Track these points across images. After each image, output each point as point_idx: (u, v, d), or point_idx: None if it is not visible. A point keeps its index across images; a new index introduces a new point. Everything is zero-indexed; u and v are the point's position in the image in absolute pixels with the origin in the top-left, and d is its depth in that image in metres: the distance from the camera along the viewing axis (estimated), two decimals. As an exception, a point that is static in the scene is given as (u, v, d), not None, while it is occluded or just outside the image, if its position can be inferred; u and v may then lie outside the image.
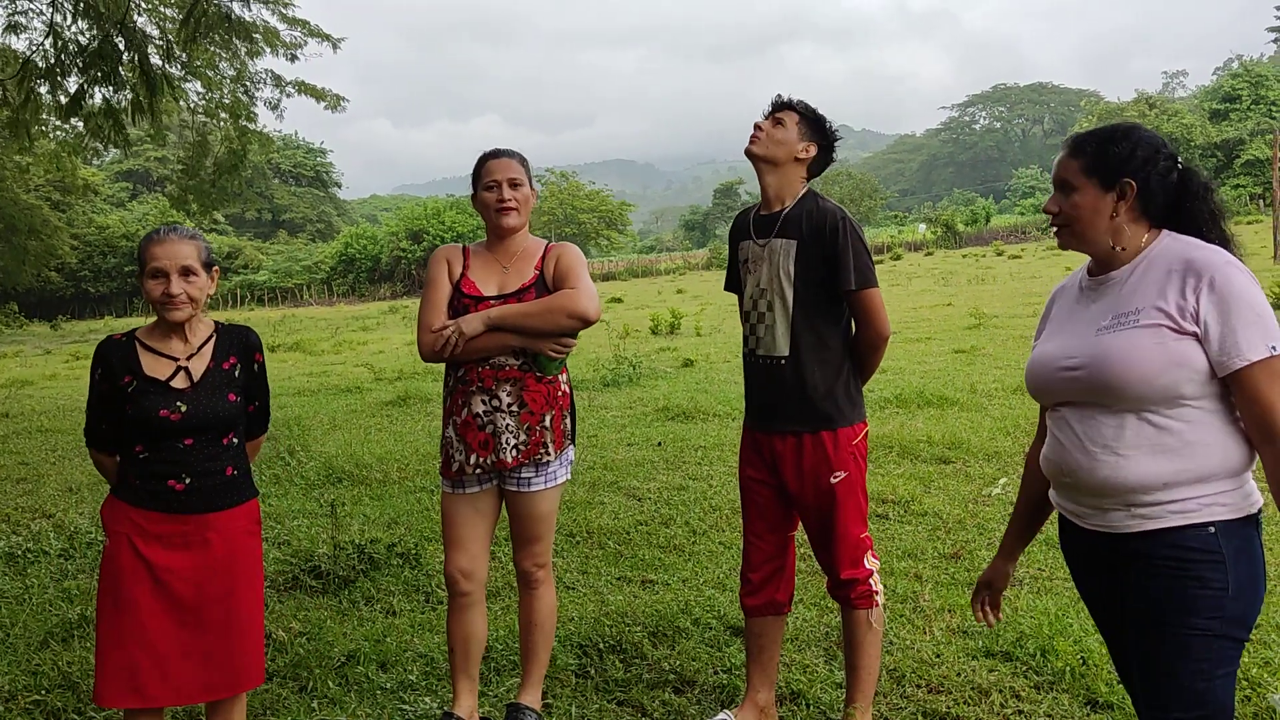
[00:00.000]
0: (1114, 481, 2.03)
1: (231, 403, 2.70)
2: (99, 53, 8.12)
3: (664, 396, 9.90)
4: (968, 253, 43.37)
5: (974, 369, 10.78)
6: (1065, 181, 2.14)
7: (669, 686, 3.51)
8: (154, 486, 2.60)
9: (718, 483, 6.42)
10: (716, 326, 18.14)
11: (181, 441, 2.62)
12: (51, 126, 15.42)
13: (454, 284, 3.15)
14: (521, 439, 3.07)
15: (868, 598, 3.05)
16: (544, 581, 3.27)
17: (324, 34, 14.85)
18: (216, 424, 2.67)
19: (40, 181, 35.67)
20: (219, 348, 2.74)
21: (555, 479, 3.18)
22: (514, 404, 3.07)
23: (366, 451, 7.88)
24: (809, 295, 2.99)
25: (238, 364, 2.76)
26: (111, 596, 2.58)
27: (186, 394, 2.64)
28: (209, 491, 2.65)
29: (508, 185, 3.14)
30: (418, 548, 5.07)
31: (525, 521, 3.19)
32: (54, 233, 39.47)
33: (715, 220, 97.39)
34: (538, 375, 3.09)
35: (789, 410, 3.04)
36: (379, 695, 3.51)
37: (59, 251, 40.75)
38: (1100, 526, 2.10)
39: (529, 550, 3.23)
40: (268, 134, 17.63)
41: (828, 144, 3.10)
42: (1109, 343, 2.03)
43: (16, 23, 12.37)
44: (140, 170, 73.77)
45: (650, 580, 4.63)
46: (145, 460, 2.62)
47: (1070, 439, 2.11)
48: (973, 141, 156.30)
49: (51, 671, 3.79)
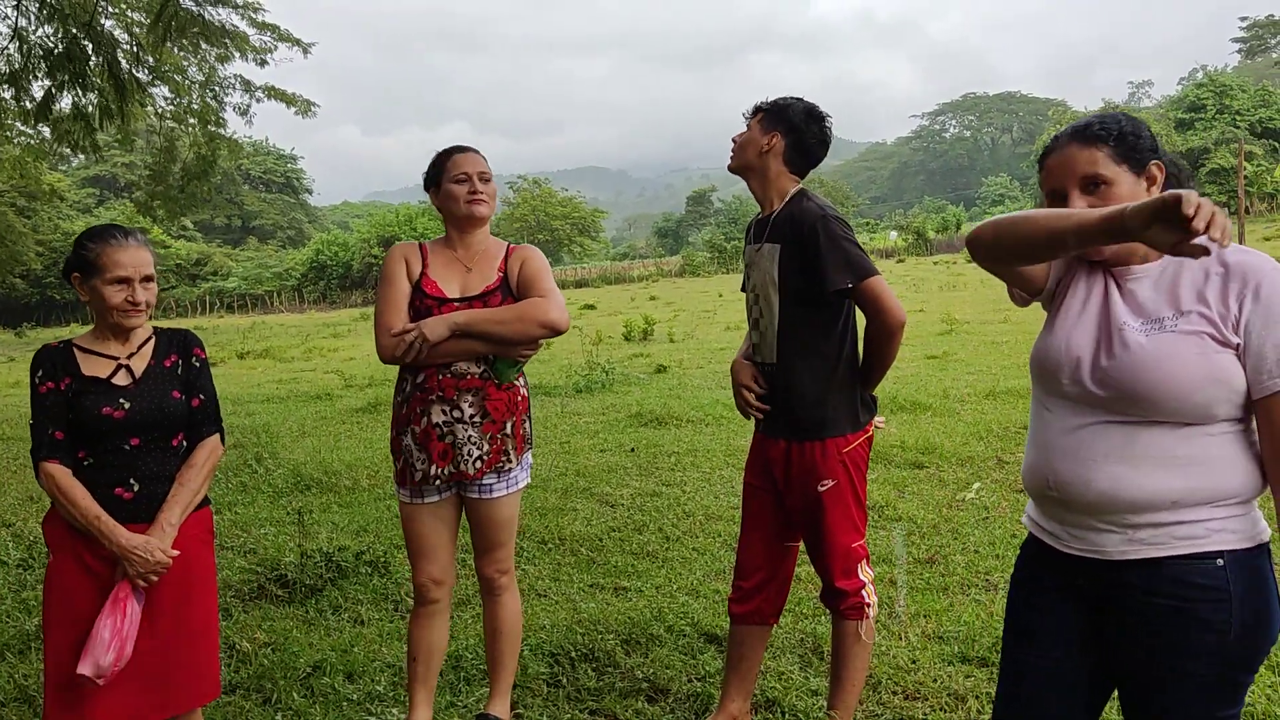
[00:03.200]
0: (1112, 496, 1.78)
1: (176, 400, 2.63)
2: (66, 55, 7.99)
3: (637, 402, 9.85)
4: (939, 260, 43.65)
5: (946, 374, 10.81)
6: (1093, 176, 1.87)
7: (642, 695, 3.45)
8: (100, 495, 2.51)
9: (691, 488, 6.37)
10: (689, 333, 18.13)
11: (127, 442, 2.55)
12: (16, 132, 15.19)
13: (413, 283, 3.04)
14: (485, 449, 2.99)
15: (859, 609, 2.98)
16: (507, 588, 3.20)
17: (294, 39, 14.72)
18: (162, 421, 2.60)
19: (4, 187, 35.10)
20: (159, 347, 2.69)
21: (516, 484, 3.12)
22: (476, 414, 2.98)
23: (336, 459, 7.77)
24: (794, 300, 2.91)
25: (179, 361, 2.70)
26: (57, 614, 2.49)
27: (129, 390, 2.57)
28: (158, 499, 2.57)
29: (478, 179, 3.08)
30: (386, 555, 4.99)
31: (487, 528, 3.11)
32: (19, 239, 38.89)
33: (688, 227, 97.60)
34: (496, 383, 3.02)
35: (779, 417, 2.99)
36: (345, 706, 3.43)
37: (24, 258, 40.15)
38: (1087, 551, 1.85)
39: (491, 557, 3.16)
40: (237, 140, 17.44)
41: (796, 128, 2.97)
42: (1145, 347, 1.78)
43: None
44: (107, 176, 72.99)
45: (623, 587, 4.58)
46: (90, 467, 2.53)
47: (1064, 444, 1.86)
48: (943, 150, 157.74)
49: (7, 684, 3.69)
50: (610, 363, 12.40)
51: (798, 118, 2.97)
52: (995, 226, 1.90)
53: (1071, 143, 1.90)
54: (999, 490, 5.88)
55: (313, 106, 16.54)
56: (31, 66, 8.98)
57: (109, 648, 2.40)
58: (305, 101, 16.35)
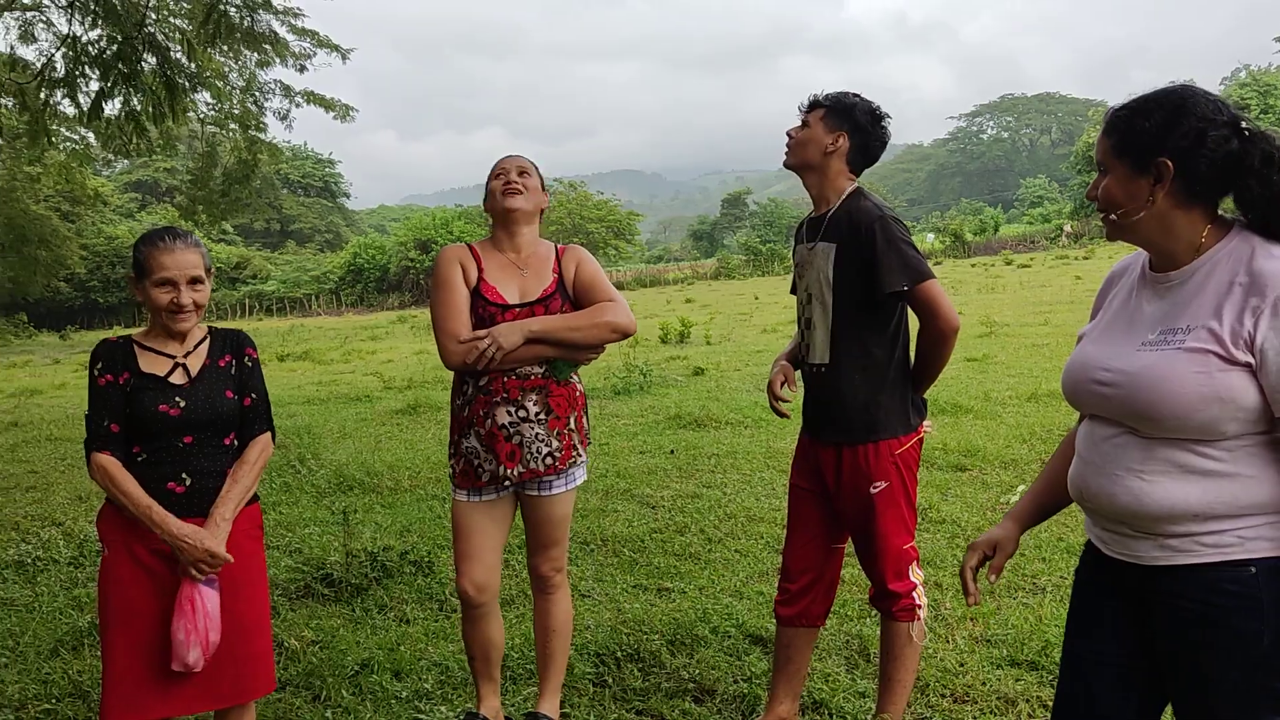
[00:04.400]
0: (1135, 509, 1.77)
1: (229, 400, 2.67)
2: (119, 55, 8.12)
3: (675, 405, 9.85)
4: (976, 262, 43.22)
5: (987, 377, 10.71)
6: (1099, 164, 1.85)
7: (688, 695, 3.45)
8: (153, 490, 2.55)
9: (732, 490, 6.36)
10: (726, 335, 18.08)
11: (181, 440, 2.59)
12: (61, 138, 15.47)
13: (472, 288, 3.02)
14: (554, 446, 3.00)
15: (910, 611, 2.96)
16: (560, 586, 3.22)
17: (333, 44, 14.86)
18: (216, 421, 2.64)
19: (50, 192, 35.74)
20: (213, 347, 2.73)
21: (575, 480, 3.14)
22: (541, 412, 2.98)
23: (377, 459, 7.84)
24: (849, 301, 2.88)
25: (232, 361, 2.74)
26: (113, 609, 2.54)
27: (185, 389, 2.62)
28: (209, 494, 2.61)
29: (515, 172, 3.10)
30: (430, 555, 5.02)
31: (544, 526, 3.13)
32: (63, 243, 39.51)
33: (723, 230, 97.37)
34: (557, 380, 3.04)
35: (830, 420, 2.97)
36: (394, 704, 3.45)
37: (68, 262, 40.78)
38: (1126, 556, 1.84)
39: (547, 554, 3.17)
40: (277, 144, 17.63)
41: (861, 128, 2.94)
42: (1148, 363, 1.75)
43: (28, 32, 12.43)
44: (149, 181, 74.11)
45: (666, 588, 4.57)
46: (144, 463, 2.57)
47: (1093, 458, 1.86)
48: (980, 151, 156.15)
49: (62, 680, 3.75)
50: (647, 365, 12.40)
51: (864, 118, 2.94)
52: None
53: (1102, 123, 1.87)
54: (1044, 493, 5.80)
55: (351, 111, 16.69)
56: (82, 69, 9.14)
57: (189, 646, 2.47)
58: (344, 106, 16.50)
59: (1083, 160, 58.51)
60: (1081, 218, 55.82)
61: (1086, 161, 57.75)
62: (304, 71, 14.41)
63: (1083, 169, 58.60)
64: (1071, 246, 46.70)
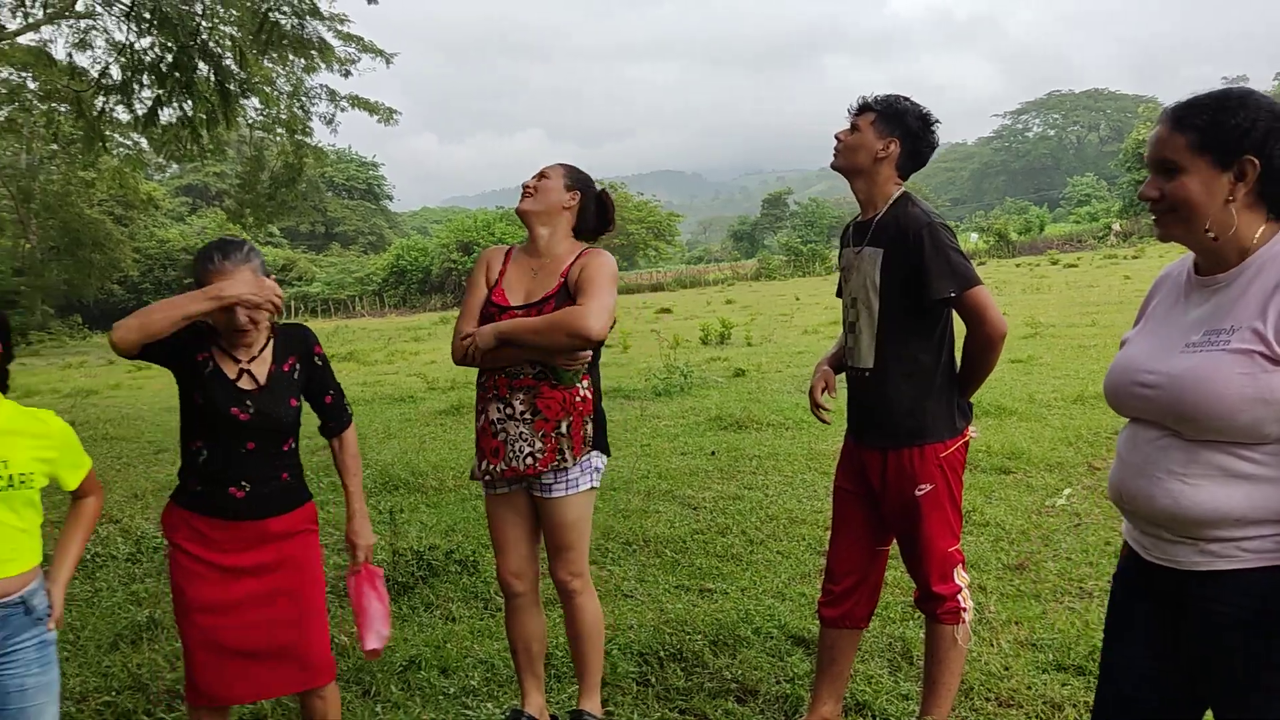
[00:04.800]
0: (1174, 513, 1.75)
1: (292, 408, 2.72)
2: (175, 64, 8.32)
3: (716, 406, 9.86)
4: (1021, 262, 42.69)
5: (1031, 379, 10.60)
6: (1168, 161, 1.79)
7: (731, 695, 3.47)
8: (214, 493, 2.62)
9: (773, 492, 6.37)
10: (767, 336, 18.03)
11: (244, 445, 2.64)
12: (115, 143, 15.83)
13: (489, 289, 3.14)
14: (537, 446, 3.03)
15: (955, 614, 2.97)
16: (581, 591, 3.20)
17: (377, 49, 15.06)
18: (279, 429, 2.70)
19: (104, 196, 36.56)
20: (278, 350, 2.75)
21: (577, 486, 3.10)
22: (526, 411, 3.03)
23: (422, 459, 7.94)
24: (895, 306, 2.89)
25: (297, 364, 2.77)
26: (182, 601, 2.63)
27: (254, 395, 2.66)
28: (266, 499, 2.67)
29: (534, 176, 3.20)
30: (475, 555, 5.08)
31: (552, 529, 3.16)
32: (117, 246, 40.40)
33: (763, 230, 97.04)
34: (552, 383, 3.05)
35: (874, 423, 2.98)
36: (441, 700, 3.52)
37: (121, 265, 41.70)
38: (1164, 561, 1.82)
39: (560, 559, 3.18)
40: (322, 148, 17.88)
41: (913, 134, 2.94)
42: (1191, 364, 1.73)
43: (83, 40, 12.74)
44: (199, 185, 75.36)
45: (708, 589, 4.60)
46: (205, 462, 2.63)
47: (1134, 460, 1.84)
48: (1026, 149, 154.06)
49: (121, 673, 3.85)
50: (688, 366, 12.42)
51: (915, 123, 2.94)
52: None
53: (1165, 120, 1.81)
54: (1091, 497, 5.76)
55: (394, 114, 16.90)
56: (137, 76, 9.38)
57: (386, 618, 2.87)
58: (387, 110, 16.71)
59: (1132, 158, 57.50)
60: (1130, 216, 54.88)
61: (1136, 159, 56.76)
62: (348, 76, 14.62)
63: (1132, 166, 57.58)
64: (1120, 246, 45.95)
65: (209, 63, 9.19)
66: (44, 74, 14.01)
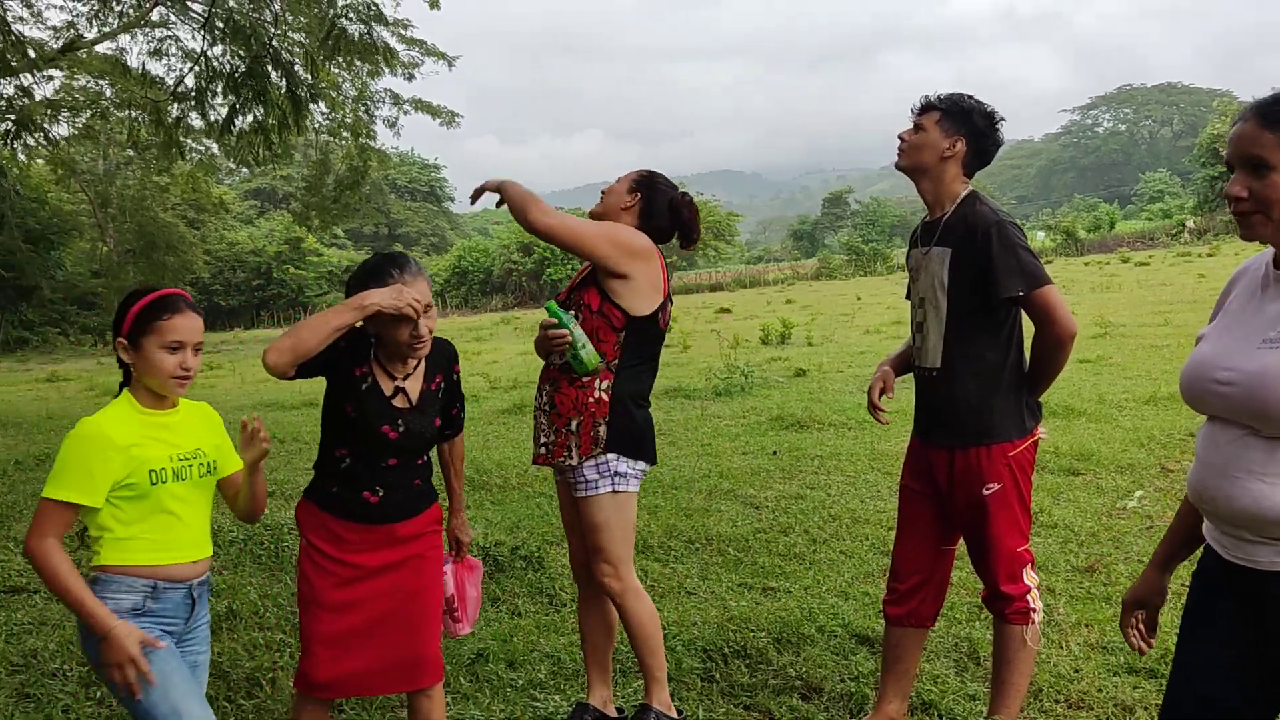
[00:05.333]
0: (1254, 513, 1.72)
1: (435, 426, 2.78)
2: (249, 73, 8.56)
3: (777, 406, 9.84)
4: (1090, 260, 41.76)
5: (1101, 379, 10.40)
6: (1256, 159, 1.72)
7: (795, 692, 3.48)
8: (350, 497, 2.67)
9: (836, 492, 6.34)
10: (828, 336, 17.91)
11: (387, 460, 2.68)
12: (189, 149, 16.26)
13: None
14: (551, 439, 3.11)
15: (1024, 614, 2.94)
16: (619, 594, 3.13)
17: (439, 53, 15.25)
18: (422, 447, 2.75)
19: (177, 200, 37.59)
20: (429, 367, 2.78)
21: (596, 489, 3.06)
22: (547, 403, 3.13)
23: (486, 458, 8.04)
24: (963, 305, 2.88)
25: (442, 382, 2.81)
26: (309, 592, 2.67)
27: (406, 414, 2.68)
28: (399, 504, 2.71)
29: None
30: (540, 551, 5.14)
31: (582, 528, 3.17)
32: (189, 249, 41.43)
33: (824, 230, 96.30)
34: (570, 378, 3.08)
35: (942, 423, 2.97)
36: (509, 693, 3.57)
37: (194, 267, 42.74)
38: (1244, 561, 1.80)
39: (591, 559, 3.17)
40: (385, 151, 18.16)
41: (978, 132, 2.93)
42: (1269, 361, 1.70)
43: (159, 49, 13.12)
44: (267, 188, 77.00)
45: (771, 587, 4.61)
46: (346, 469, 2.66)
47: (1214, 460, 1.81)
48: (1095, 145, 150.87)
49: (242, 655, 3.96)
50: (748, 366, 12.40)
51: (980, 122, 2.93)
52: None
53: (1252, 118, 1.74)
54: (1163, 499, 5.64)
55: (456, 117, 17.10)
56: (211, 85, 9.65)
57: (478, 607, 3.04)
58: (449, 113, 16.91)
59: (1207, 153, 55.94)
60: (1205, 213, 53.43)
61: (1211, 154, 55.23)
62: (412, 80, 14.83)
63: (1207, 162, 56.02)
64: (1194, 243, 44.74)
65: (280, 71, 9.43)
66: (119, 81, 14.46)
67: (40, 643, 4.22)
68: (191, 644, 2.44)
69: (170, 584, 2.35)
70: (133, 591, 2.29)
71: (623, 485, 3.10)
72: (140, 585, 2.30)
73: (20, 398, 16.32)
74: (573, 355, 3.02)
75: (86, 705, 3.60)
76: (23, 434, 11.18)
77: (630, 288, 3.06)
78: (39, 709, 3.58)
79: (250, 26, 8.96)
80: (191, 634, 2.43)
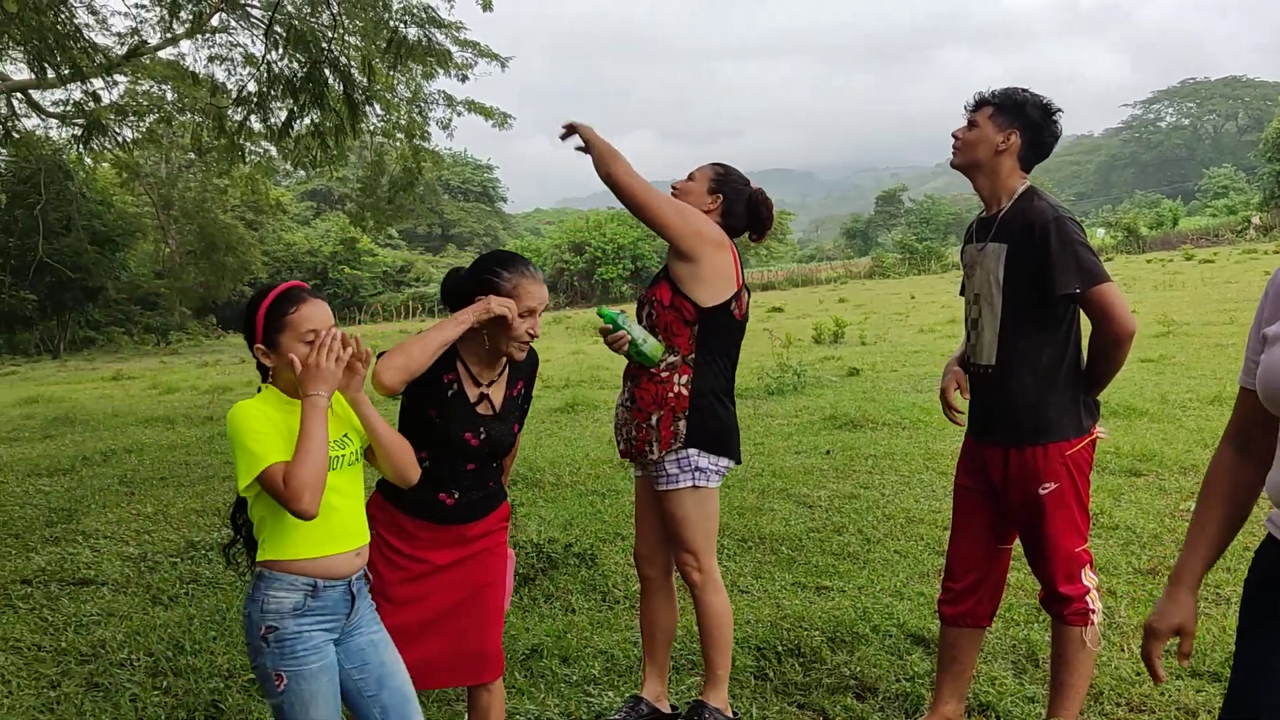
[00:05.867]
0: None
1: (514, 433, 2.80)
2: (308, 78, 8.71)
3: (830, 405, 9.78)
4: (1152, 257, 40.83)
5: (1164, 379, 10.18)
6: None
7: (850, 692, 3.46)
8: (425, 497, 2.68)
9: (890, 491, 6.30)
10: (881, 335, 17.75)
11: (466, 465, 2.71)
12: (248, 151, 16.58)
13: None
14: (631, 435, 3.16)
15: (1083, 615, 2.90)
16: (700, 586, 3.19)
17: (493, 54, 15.35)
18: (501, 453, 2.78)
19: (236, 202, 38.31)
20: (513, 373, 2.79)
21: (676, 482, 3.11)
22: (628, 399, 3.18)
23: (539, 456, 8.10)
24: (1019, 302, 2.84)
25: (523, 389, 2.83)
26: (377, 582, 2.68)
27: (489, 421, 2.70)
28: (472, 505, 2.75)
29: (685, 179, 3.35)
30: (593, 548, 5.18)
31: (665, 520, 3.22)
32: (248, 249, 42.17)
33: (877, 228, 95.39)
34: (649, 374, 3.11)
35: (997, 421, 2.94)
36: (563, 688, 3.60)
37: (252, 267, 43.49)
38: None
39: (674, 550, 3.25)
40: (439, 152, 18.33)
41: (1033, 124, 2.88)
42: None
43: (220, 55, 13.40)
44: (323, 189, 78.12)
45: (825, 587, 4.59)
46: (425, 470, 2.64)
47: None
48: (1158, 140, 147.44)
49: (250, 653, 4.05)
50: (801, 365, 12.33)
51: (1035, 114, 2.89)
52: None
53: None
54: (1228, 501, 5.51)
55: (509, 118, 17.21)
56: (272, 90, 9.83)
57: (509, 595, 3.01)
58: (502, 114, 17.02)
59: (1273, 147, 54.43)
60: (1272, 208, 52.01)
61: (1278, 149, 53.75)
62: (465, 81, 14.96)
63: (1273, 157, 54.50)
64: (1260, 240, 43.57)
65: (337, 75, 9.57)
66: (181, 86, 14.77)
67: (109, 633, 4.35)
68: (360, 629, 2.40)
69: (330, 581, 2.30)
70: (293, 590, 2.25)
71: (703, 481, 3.12)
72: (301, 583, 2.26)
73: (87, 396, 16.77)
74: (636, 352, 3.08)
75: (154, 694, 3.70)
76: (90, 431, 11.50)
77: (697, 276, 3.09)
78: (107, 698, 3.69)
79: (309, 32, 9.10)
80: (359, 620, 2.39)
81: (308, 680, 2.25)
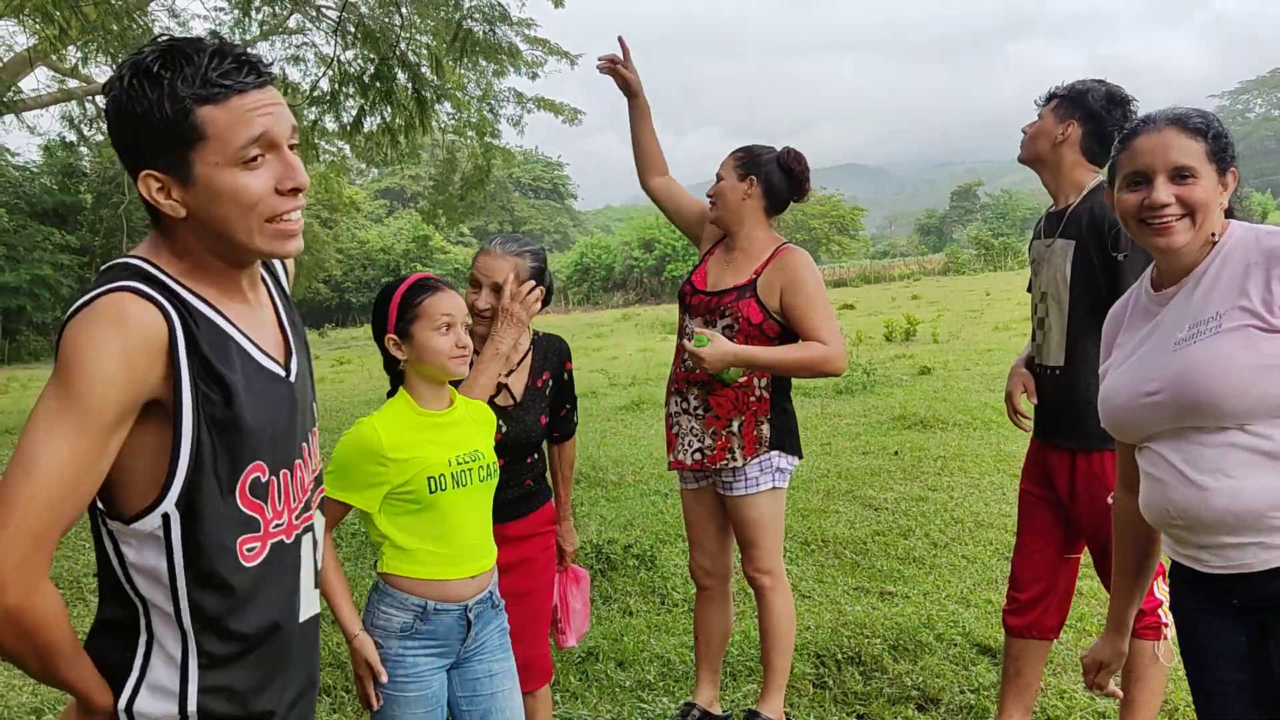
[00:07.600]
0: (1235, 510, 1.70)
1: (542, 425, 2.74)
2: (376, 75, 8.82)
3: (900, 404, 9.60)
4: (1240, 253, 39.47)
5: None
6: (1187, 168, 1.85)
7: (911, 702, 3.37)
8: None
9: (959, 494, 6.14)
10: (955, 333, 17.41)
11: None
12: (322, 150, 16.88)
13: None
14: (706, 443, 3.07)
15: (1155, 629, 2.77)
16: (770, 589, 3.17)
17: (562, 51, 15.40)
18: (527, 447, 2.72)
19: (311, 200, 39.14)
20: (535, 362, 2.75)
21: (757, 485, 3.07)
22: (699, 407, 3.08)
23: (602, 454, 8.09)
24: (1086, 301, 2.72)
25: (550, 379, 2.78)
26: None
27: (509, 413, 2.67)
28: (507, 504, 2.66)
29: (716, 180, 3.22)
30: (653, 550, 5.13)
31: (736, 526, 3.18)
32: (322, 248, 43.03)
33: (952, 224, 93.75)
34: (724, 381, 3.04)
35: (1063, 424, 2.83)
36: (618, 692, 3.57)
37: (326, 265, 44.39)
38: (1229, 568, 1.74)
39: (747, 555, 3.19)
40: (510, 149, 18.46)
41: (1094, 115, 2.78)
42: (1190, 355, 1.74)
43: (296, 55, 13.67)
44: (395, 188, 79.50)
45: (889, 592, 4.48)
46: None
47: (1170, 474, 1.78)
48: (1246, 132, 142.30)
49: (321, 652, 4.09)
50: (871, 364, 12.15)
51: (1097, 103, 2.78)
52: None
53: (1170, 128, 1.84)
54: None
55: (578, 115, 17.25)
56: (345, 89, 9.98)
57: (586, 619, 3.01)
58: (572, 110, 17.06)
59: (1371, 137, 52.11)
60: (1369, 202, 49.79)
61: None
62: (535, 78, 15.01)
63: (1371, 147, 52.19)
64: (1356, 234, 41.79)
65: (407, 72, 9.67)
66: (257, 86, 15.07)
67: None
68: (481, 657, 2.32)
69: (443, 606, 2.22)
70: (404, 610, 2.19)
71: (781, 481, 3.13)
72: (412, 604, 2.19)
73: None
74: (721, 375, 3.02)
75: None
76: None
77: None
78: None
79: (380, 30, 9.21)
80: (478, 648, 2.31)
81: (401, 708, 2.20)
